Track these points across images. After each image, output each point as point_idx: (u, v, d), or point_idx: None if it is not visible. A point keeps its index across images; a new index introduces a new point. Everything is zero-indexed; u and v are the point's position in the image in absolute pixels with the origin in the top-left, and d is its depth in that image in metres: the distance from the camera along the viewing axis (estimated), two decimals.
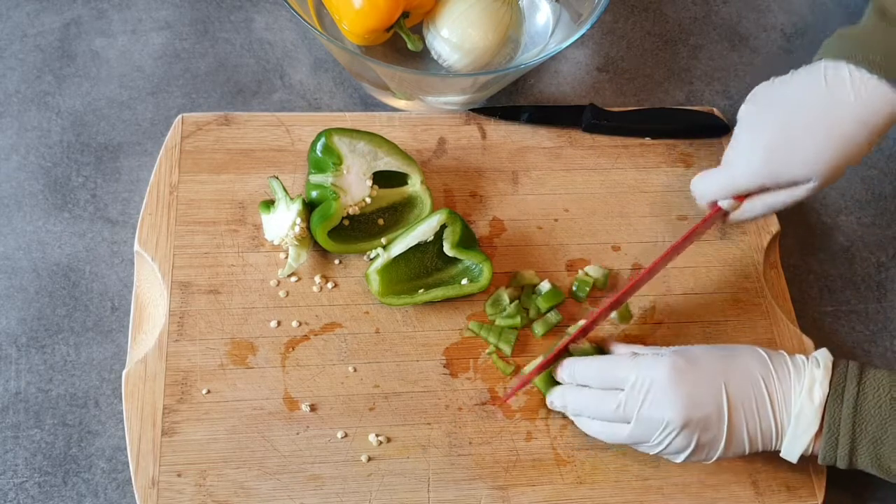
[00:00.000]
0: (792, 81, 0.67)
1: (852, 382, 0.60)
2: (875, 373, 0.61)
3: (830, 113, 0.63)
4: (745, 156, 0.67)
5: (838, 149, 0.63)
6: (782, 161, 0.65)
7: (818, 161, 0.64)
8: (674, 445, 0.61)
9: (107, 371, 0.70)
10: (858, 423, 0.59)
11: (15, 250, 0.75)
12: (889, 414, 0.59)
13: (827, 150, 0.63)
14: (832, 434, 0.60)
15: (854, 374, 0.61)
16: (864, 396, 0.59)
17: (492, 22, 0.80)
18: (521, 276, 0.75)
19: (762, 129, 0.66)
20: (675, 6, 0.98)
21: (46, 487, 0.66)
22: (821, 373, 0.61)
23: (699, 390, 0.60)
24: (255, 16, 0.91)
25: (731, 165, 0.68)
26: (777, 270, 0.80)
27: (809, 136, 0.64)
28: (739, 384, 0.60)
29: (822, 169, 0.64)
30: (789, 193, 0.67)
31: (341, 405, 0.69)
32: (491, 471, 0.67)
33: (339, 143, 0.72)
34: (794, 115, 0.65)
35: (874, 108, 0.62)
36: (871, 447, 0.59)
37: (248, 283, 0.72)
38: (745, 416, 0.60)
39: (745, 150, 0.67)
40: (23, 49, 0.85)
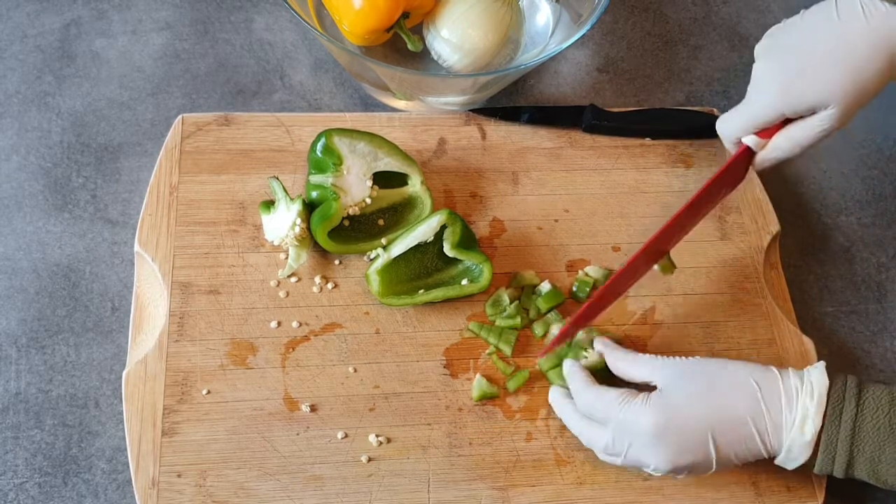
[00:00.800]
0: (805, 16, 0.68)
1: (850, 403, 0.60)
2: (874, 390, 0.60)
3: (843, 38, 0.64)
4: (763, 87, 0.68)
5: (853, 72, 0.64)
6: (799, 86, 0.65)
7: (834, 84, 0.64)
8: (670, 468, 0.62)
9: (107, 371, 0.70)
10: (856, 444, 0.59)
11: (15, 251, 0.75)
12: (887, 435, 0.58)
13: (842, 73, 0.64)
14: (829, 454, 0.60)
15: (853, 393, 0.60)
16: (863, 418, 0.59)
17: (492, 22, 0.80)
18: (522, 277, 0.75)
19: (777, 60, 0.67)
20: (675, 7, 0.98)
21: (46, 488, 0.66)
22: (814, 406, 0.60)
23: (685, 440, 0.60)
24: (255, 16, 0.91)
25: (751, 99, 0.69)
26: (777, 271, 0.80)
27: (823, 61, 0.64)
28: (727, 428, 0.60)
29: (838, 93, 0.64)
30: (812, 125, 0.66)
31: (341, 406, 0.69)
32: (491, 471, 0.67)
33: (340, 143, 0.72)
34: (808, 43, 0.65)
35: (886, 33, 0.63)
36: (869, 465, 0.59)
37: (249, 284, 0.72)
38: (734, 451, 0.61)
39: (762, 82, 0.68)
40: (23, 49, 0.85)
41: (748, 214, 0.81)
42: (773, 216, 0.81)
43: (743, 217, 0.81)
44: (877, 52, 0.63)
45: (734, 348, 0.75)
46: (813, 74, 0.65)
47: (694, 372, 0.63)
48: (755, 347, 0.75)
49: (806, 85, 0.65)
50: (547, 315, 0.74)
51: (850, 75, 0.64)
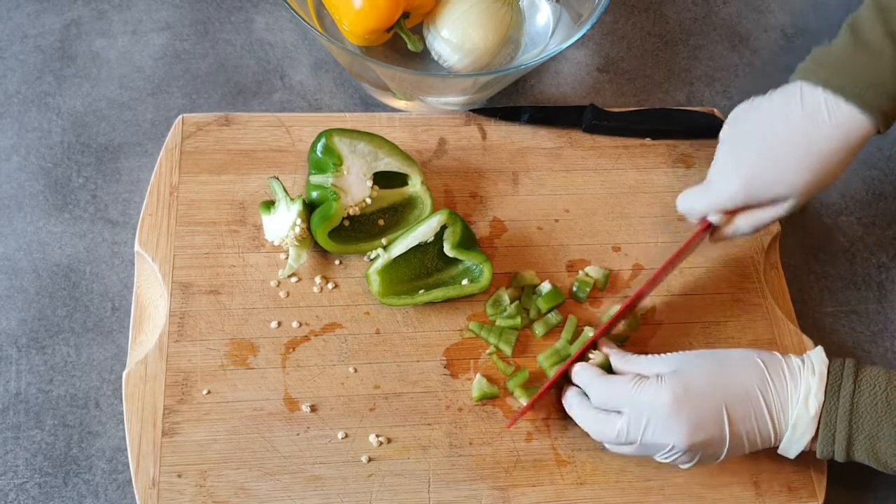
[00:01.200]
0: (770, 103, 0.69)
1: (848, 380, 0.61)
2: (871, 370, 0.62)
3: (807, 136, 0.66)
4: (726, 176, 0.69)
5: (816, 170, 0.66)
6: (762, 183, 0.67)
7: (796, 181, 0.66)
8: (678, 461, 0.63)
9: (107, 371, 0.70)
10: (855, 420, 0.61)
11: (15, 251, 0.75)
12: (885, 412, 0.60)
13: (805, 171, 0.66)
14: (829, 432, 0.61)
15: (850, 372, 0.62)
16: (860, 394, 0.61)
17: (492, 22, 0.80)
18: (522, 277, 0.75)
19: (742, 151, 0.69)
20: (676, 7, 0.98)
21: (47, 488, 0.66)
22: (816, 381, 0.62)
23: (701, 415, 0.61)
24: (255, 16, 0.91)
25: (714, 185, 0.70)
26: (777, 270, 0.80)
27: (788, 159, 0.66)
28: (739, 402, 0.62)
29: (800, 188, 0.67)
30: (772, 211, 0.69)
31: (342, 406, 0.69)
32: (491, 471, 0.67)
33: (340, 143, 0.72)
34: (773, 137, 0.67)
35: (848, 133, 0.65)
36: (868, 443, 0.60)
37: (249, 284, 0.72)
38: (745, 428, 0.62)
39: (727, 172, 0.69)
40: (23, 50, 0.85)
41: None
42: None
43: None
44: (837, 150, 0.65)
45: (734, 348, 0.75)
46: (777, 171, 0.67)
47: (703, 355, 0.65)
48: (755, 347, 0.75)
49: (768, 180, 0.67)
50: (547, 315, 0.74)
51: (811, 172, 0.66)
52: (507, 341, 0.72)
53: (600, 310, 0.75)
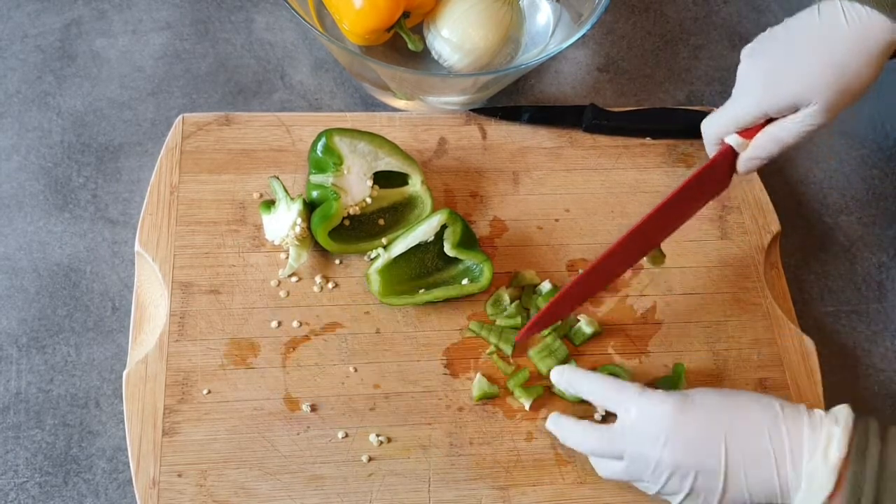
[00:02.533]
0: (789, 21, 0.68)
1: (874, 441, 0.56)
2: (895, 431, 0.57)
3: (824, 39, 0.64)
4: (746, 86, 0.68)
5: (834, 70, 0.64)
6: (780, 83, 0.65)
7: (815, 80, 0.64)
8: (667, 487, 0.60)
9: (107, 371, 0.70)
10: (882, 487, 0.55)
11: (16, 250, 0.75)
12: None
13: (822, 70, 0.64)
14: (854, 496, 0.55)
15: (875, 433, 0.56)
16: (888, 458, 0.55)
17: (492, 22, 0.80)
18: (522, 277, 0.75)
19: (760, 60, 0.67)
20: (676, 6, 0.98)
21: (47, 488, 0.66)
22: (839, 431, 0.56)
23: (697, 436, 0.58)
24: (255, 16, 0.91)
25: (734, 99, 0.69)
26: (777, 270, 0.80)
27: (805, 59, 0.65)
28: (741, 436, 0.58)
29: (820, 89, 0.64)
30: (794, 122, 0.66)
31: (342, 405, 0.69)
32: (491, 471, 0.67)
33: (340, 143, 0.72)
34: (791, 44, 0.66)
35: (867, 34, 0.63)
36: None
37: (249, 284, 0.72)
38: (745, 469, 0.58)
39: (745, 81, 0.68)
40: (23, 49, 0.85)
41: (748, 214, 0.81)
42: (774, 216, 0.81)
43: (743, 216, 0.81)
44: (857, 52, 0.63)
45: (734, 347, 0.75)
46: (795, 71, 0.65)
47: (713, 389, 0.62)
48: (755, 347, 0.75)
49: (788, 82, 0.65)
50: None
51: (832, 72, 0.64)
52: (508, 341, 0.72)
53: (600, 308, 0.75)
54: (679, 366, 0.73)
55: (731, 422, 0.59)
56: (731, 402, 0.60)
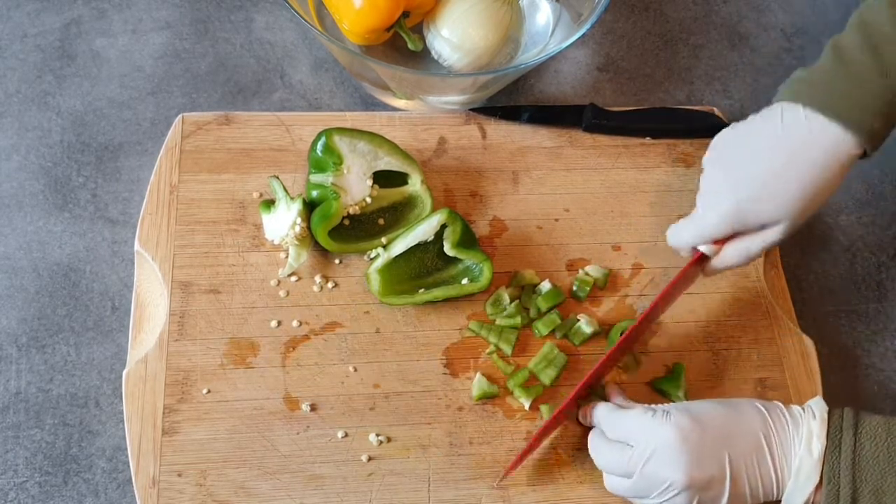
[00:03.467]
0: (751, 127, 0.67)
1: (848, 433, 0.59)
2: (870, 421, 0.60)
3: (790, 158, 0.64)
4: (714, 205, 0.67)
5: (802, 192, 0.64)
6: (750, 208, 0.65)
7: (785, 205, 0.64)
8: (673, 502, 0.61)
9: (107, 371, 0.70)
10: (858, 474, 0.58)
11: (15, 250, 0.75)
12: (887, 464, 0.58)
13: (793, 194, 0.64)
14: (833, 487, 0.58)
15: (849, 423, 0.60)
16: (862, 447, 0.59)
17: (492, 22, 0.80)
18: (522, 276, 0.75)
19: (727, 178, 0.67)
20: (676, 6, 0.98)
21: (47, 487, 0.66)
22: (817, 425, 0.60)
23: (703, 452, 0.60)
24: (255, 16, 0.91)
25: (700, 214, 0.69)
26: (777, 270, 0.80)
27: (772, 182, 0.64)
28: (742, 444, 0.60)
29: (789, 211, 0.64)
30: (762, 238, 0.66)
31: (342, 405, 0.69)
32: (491, 470, 0.67)
33: (340, 142, 0.72)
34: (756, 161, 0.65)
35: (831, 151, 0.63)
36: (873, 498, 0.58)
37: (249, 283, 0.72)
38: (748, 474, 0.60)
39: (713, 200, 0.68)
40: (23, 49, 0.85)
41: None
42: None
43: None
44: (823, 172, 0.63)
45: (734, 347, 0.75)
46: (763, 196, 0.65)
47: (705, 401, 0.64)
48: (755, 347, 0.75)
49: (758, 207, 0.65)
50: (549, 314, 0.74)
51: (800, 194, 0.64)
52: (507, 340, 0.72)
53: (600, 308, 0.75)
54: (679, 365, 0.73)
55: (729, 429, 0.61)
56: (726, 410, 0.62)
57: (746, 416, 0.62)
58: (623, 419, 0.64)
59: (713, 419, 0.62)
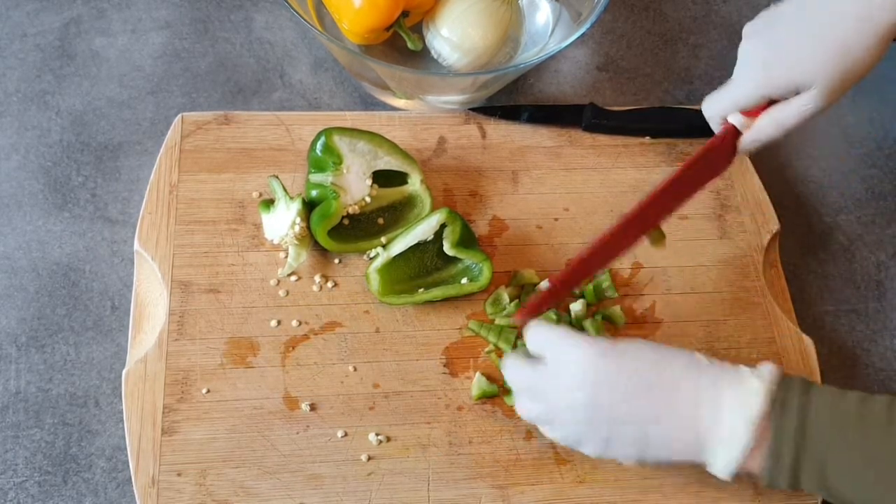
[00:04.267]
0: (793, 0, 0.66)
1: (796, 401, 0.56)
2: (820, 391, 0.56)
3: (829, 20, 0.62)
4: (746, 66, 0.67)
5: (838, 52, 0.62)
6: (780, 65, 0.64)
7: (816, 64, 0.62)
8: (581, 433, 0.59)
9: (107, 370, 0.70)
10: (802, 443, 0.55)
11: (15, 250, 0.75)
12: (835, 434, 0.54)
13: (825, 52, 0.62)
14: (775, 454, 0.55)
15: (798, 392, 0.56)
16: (808, 416, 0.55)
17: (492, 21, 0.80)
18: (521, 276, 0.75)
19: (762, 39, 0.66)
20: (675, 5, 0.98)
21: (46, 487, 0.66)
22: (758, 386, 0.56)
23: (616, 382, 0.57)
24: (254, 15, 0.91)
25: (734, 78, 0.68)
26: (777, 270, 0.80)
27: (808, 43, 0.62)
28: (662, 387, 0.57)
29: (821, 73, 0.62)
30: (795, 105, 0.64)
31: (341, 404, 0.69)
32: (491, 470, 0.67)
33: (339, 142, 0.72)
34: (794, 21, 0.64)
35: (872, 15, 0.60)
36: (817, 469, 0.55)
37: (248, 283, 0.72)
38: (664, 421, 0.57)
39: (746, 61, 0.67)
40: (23, 48, 0.85)
41: (748, 213, 0.81)
42: (773, 215, 0.81)
43: (743, 216, 0.81)
44: (862, 35, 0.61)
45: (734, 347, 0.75)
46: (797, 55, 0.63)
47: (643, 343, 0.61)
48: (755, 346, 0.75)
49: (788, 64, 0.63)
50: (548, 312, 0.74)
51: (835, 55, 0.62)
52: (507, 340, 0.72)
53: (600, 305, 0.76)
54: None
55: (652, 372, 0.58)
56: (657, 353, 0.59)
57: (678, 365, 0.58)
58: (545, 330, 0.61)
59: (637, 357, 0.59)
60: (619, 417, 0.57)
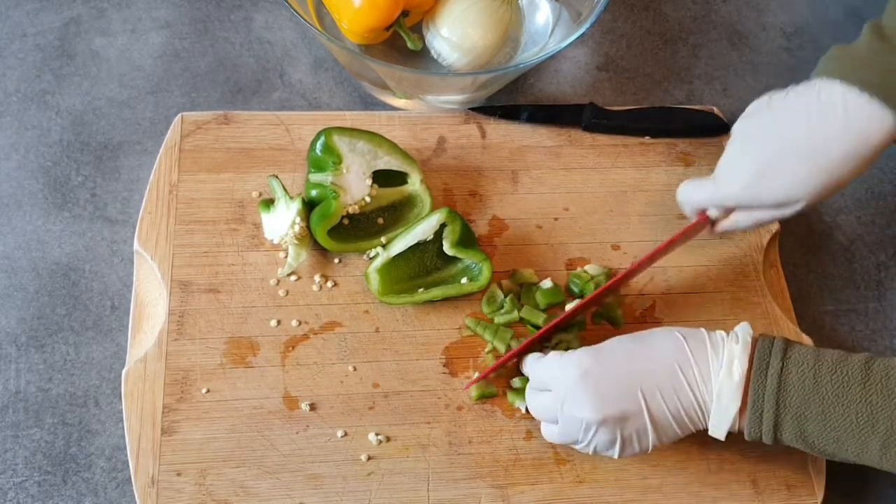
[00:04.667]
0: (786, 100, 0.66)
1: (776, 358, 0.59)
2: (799, 349, 0.60)
3: (821, 138, 0.63)
4: (734, 175, 0.67)
5: (827, 175, 0.63)
6: (770, 186, 0.65)
7: (806, 187, 0.64)
8: (600, 442, 0.61)
9: (106, 370, 0.70)
10: (782, 398, 0.58)
11: (14, 249, 0.75)
12: (812, 390, 0.57)
13: (816, 176, 0.63)
14: (756, 410, 0.59)
15: (779, 349, 0.59)
16: (788, 372, 0.58)
17: (491, 21, 0.80)
18: (521, 275, 0.75)
19: (752, 151, 0.66)
20: (675, 5, 0.98)
21: (46, 486, 0.66)
22: (739, 348, 0.60)
23: (611, 386, 0.60)
24: (254, 15, 0.91)
25: (720, 181, 0.68)
26: (777, 270, 0.80)
27: (797, 164, 0.63)
28: (655, 372, 0.60)
29: (809, 193, 0.64)
30: (778, 212, 0.67)
31: (341, 404, 0.69)
32: (490, 470, 0.67)
33: (339, 142, 0.72)
34: (785, 139, 0.64)
35: (865, 131, 0.61)
36: (796, 422, 0.58)
37: (248, 283, 0.72)
38: (666, 403, 0.60)
39: (735, 170, 0.67)
40: (22, 48, 0.85)
41: None
42: None
43: None
44: (854, 155, 0.62)
45: None
46: (785, 176, 0.64)
47: (621, 337, 0.64)
48: None
49: (777, 186, 0.65)
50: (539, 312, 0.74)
51: (824, 179, 0.63)
52: (502, 339, 0.72)
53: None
54: None
55: (641, 362, 0.61)
56: (638, 343, 0.63)
57: (658, 346, 0.62)
58: (540, 365, 0.65)
59: (618, 354, 0.62)
60: (629, 416, 0.60)
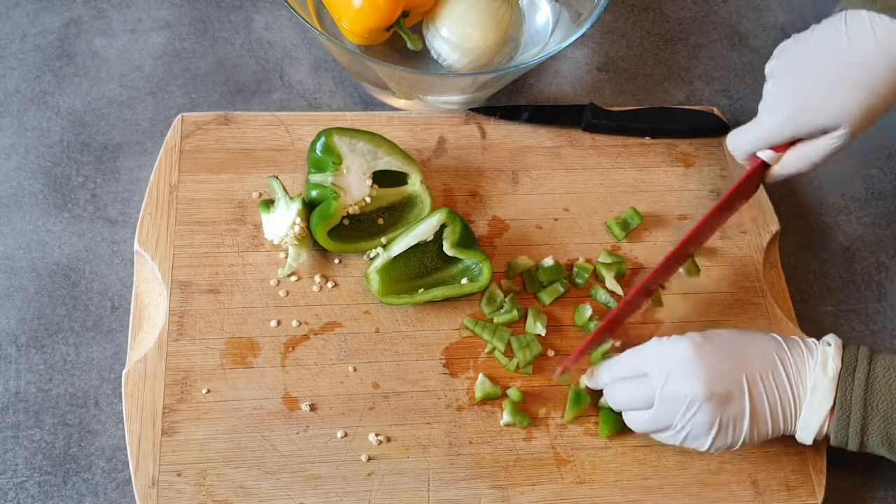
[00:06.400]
0: (814, 34, 0.67)
1: (863, 362, 0.61)
2: (885, 355, 0.62)
3: (853, 60, 0.64)
4: (774, 109, 0.68)
5: (864, 95, 0.64)
6: (810, 111, 0.66)
7: (845, 108, 0.64)
8: (696, 425, 0.61)
9: (107, 371, 0.70)
10: (869, 401, 0.60)
11: (15, 250, 0.75)
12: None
13: (853, 96, 0.64)
14: (844, 412, 0.61)
15: (865, 354, 0.62)
16: (875, 376, 0.60)
17: (492, 21, 0.80)
18: (516, 265, 0.75)
19: (788, 82, 0.67)
20: (675, 5, 0.98)
21: (46, 487, 0.66)
22: (832, 350, 0.62)
23: (719, 364, 0.61)
24: (254, 15, 0.91)
25: (762, 119, 0.70)
26: (777, 270, 0.80)
27: (834, 85, 0.64)
28: (757, 360, 0.62)
29: (850, 115, 0.65)
30: (823, 143, 0.67)
31: (341, 405, 0.69)
32: (491, 470, 0.67)
33: (339, 142, 0.72)
34: (818, 65, 0.65)
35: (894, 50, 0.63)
36: (883, 426, 0.60)
37: (248, 283, 0.72)
38: (766, 390, 0.61)
39: (774, 104, 0.69)
40: (22, 49, 0.85)
41: (748, 214, 0.81)
42: (773, 215, 0.81)
43: (743, 216, 0.81)
44: (888, 72, 0.63)
45: None
46: (824, 99, 0.65)
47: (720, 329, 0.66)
48: None
49: (817, 109, 0.65)
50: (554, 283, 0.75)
51: (862, 98, 0.64)
52: (501, 338, 0.72)
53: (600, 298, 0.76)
54: None
55: (744, 349, 0.63)
56: (741, 335, 0.65)
57: (759, 340, 0.64)
58: (637, 352, 0.65)
59: (726, 339, 0.63)
60: (728, 397, 0.61)
